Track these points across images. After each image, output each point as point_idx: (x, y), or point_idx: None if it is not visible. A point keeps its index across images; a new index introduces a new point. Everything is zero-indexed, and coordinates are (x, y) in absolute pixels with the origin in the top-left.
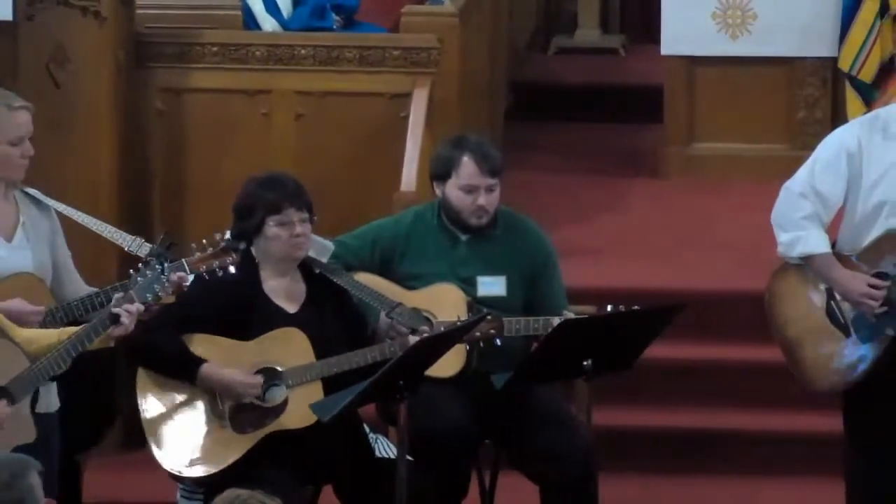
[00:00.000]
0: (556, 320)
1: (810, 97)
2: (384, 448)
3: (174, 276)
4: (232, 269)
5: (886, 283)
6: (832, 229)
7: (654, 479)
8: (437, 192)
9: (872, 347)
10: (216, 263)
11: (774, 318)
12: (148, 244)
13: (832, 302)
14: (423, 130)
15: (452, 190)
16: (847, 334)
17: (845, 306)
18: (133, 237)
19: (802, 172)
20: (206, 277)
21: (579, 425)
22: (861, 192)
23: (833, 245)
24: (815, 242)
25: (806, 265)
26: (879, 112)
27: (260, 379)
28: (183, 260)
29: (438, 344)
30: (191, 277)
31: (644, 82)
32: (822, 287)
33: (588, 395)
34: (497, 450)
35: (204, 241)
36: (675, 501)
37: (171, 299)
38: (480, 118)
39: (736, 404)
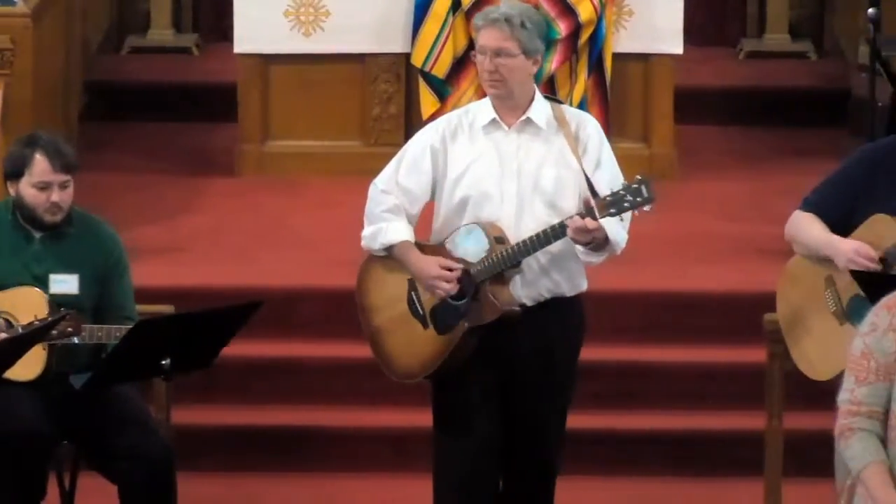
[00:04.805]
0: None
1: (384, 93)
2: None
3: None
4: None
5: (460, 266)
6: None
7: (235, 477)
8: (11, 191)
9: (451, 339)
10: None
11: (361, 307)
12: None
13: (412, 293)
14: None
15: (26, 188)
16: (425, 325)
17: (425, 297)
18: None
19: (389, 168)
20: None
21: (158, 425)
22: (446, 188)
23: None
24: (394, 232)
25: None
26: (470, 107)
27: None
28: None
29: (17, 345)
30: None
31: (218, 81)
32: (407, 278)
33: (167, 394)
34: (76, 451)
35: None
36: (257, 500)
37: None
38: (55, 119)
39: (316, 401)
